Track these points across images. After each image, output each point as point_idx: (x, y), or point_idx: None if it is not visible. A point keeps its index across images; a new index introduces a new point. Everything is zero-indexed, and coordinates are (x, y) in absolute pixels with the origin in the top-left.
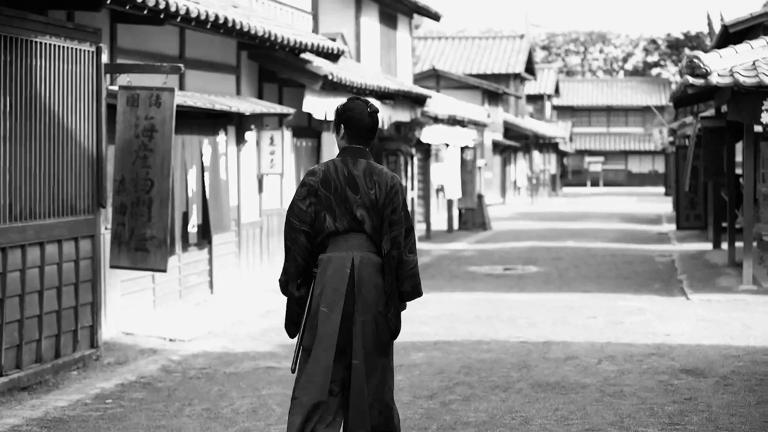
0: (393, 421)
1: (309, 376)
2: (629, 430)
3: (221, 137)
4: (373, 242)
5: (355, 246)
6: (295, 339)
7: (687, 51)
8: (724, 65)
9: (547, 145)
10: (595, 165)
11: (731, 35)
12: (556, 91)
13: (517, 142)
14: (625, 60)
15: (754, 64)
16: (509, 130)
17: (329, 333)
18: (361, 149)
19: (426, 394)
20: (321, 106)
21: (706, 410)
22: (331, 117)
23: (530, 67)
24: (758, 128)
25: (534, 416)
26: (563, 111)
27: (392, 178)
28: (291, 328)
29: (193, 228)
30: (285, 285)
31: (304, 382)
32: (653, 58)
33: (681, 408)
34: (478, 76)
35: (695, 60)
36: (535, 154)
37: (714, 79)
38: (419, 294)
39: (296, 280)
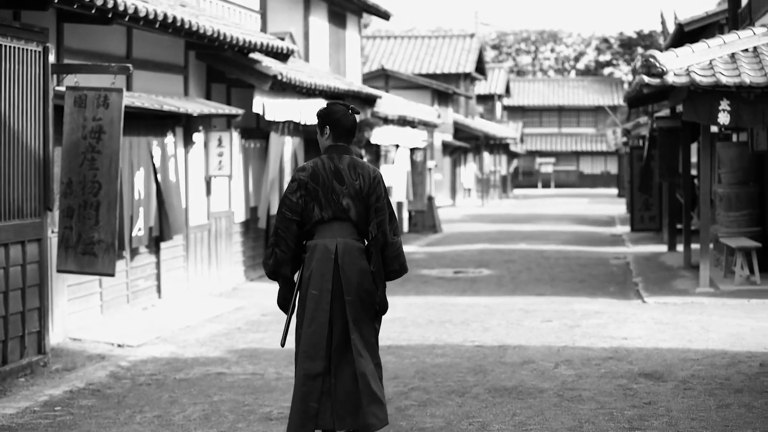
0: (386, 411)
1: (306, 352)
2: None
3: (169, 138)
4: (357, 229)
5: (338, 233)
6: (286, 320)
7: (641, 50)
8: (681, 64)
9: (497, 146)
10: (546, 166)
11: (686, 34)
12: (507, 91)
13: (468, 143)
14: (576, 59)
15: (710, 63)
16: (459, 130)
17: (320, 313)
18: (344, 147)
19: None
20: (271, 107)
21: (666, 414)
22: (281, 118)
23: (480, 67)
24: (714, 128)
25: (491, 421)
26: (514, 111)
27: (374, 170)
28: (284, 305)
29: (140, 231)
30: (273, 268)
31: (302, 357)
32: (605, 57)
33: (640, 412)
34: (427, 75)
35: (651, 59)
36: (486, 155)
37: (670, 79)
38: (406, 270)
39: (289, 264)
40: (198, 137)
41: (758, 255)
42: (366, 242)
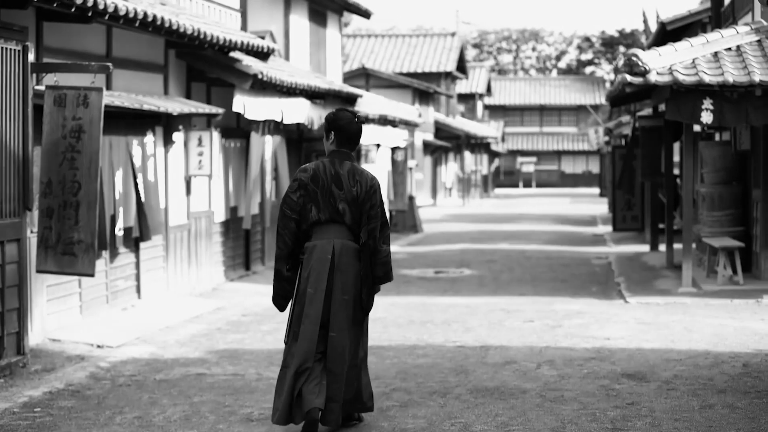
0: (362, 397)
1: (297, 346)
2: None
3: (149, 138)
4: (352, 232)
5: (335, 234)
6: (285, 314)
7: (622, 49)
8: (663, 63)
9: (478, 145)
10: (527, 165)
11: (669, 33)
12: (488, 90)
13: (449, 143)
14: (558, 58)
15: (693, 62)
16: (440, 130)
17: (314, 310)
18: (347, 153)
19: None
20: (251, 106)
21: (649, 415)
22: (262, 117)
23: (462, 66)
24: (697, 128)
25: (474, 422)
26: (495, 110)
27: (372, 179)
28: (279, 302)
29: (120, 231)
30: (274, 265)
31: (293, 352)
32: (587, 56)
33: (624, 413)
34: (408, 74)
35: (634, 58)
36: (467, 154)
37: (653, 78)
38: (390, 279)
39: (287, 262)
40: (178, 137)
41: (741, 255)
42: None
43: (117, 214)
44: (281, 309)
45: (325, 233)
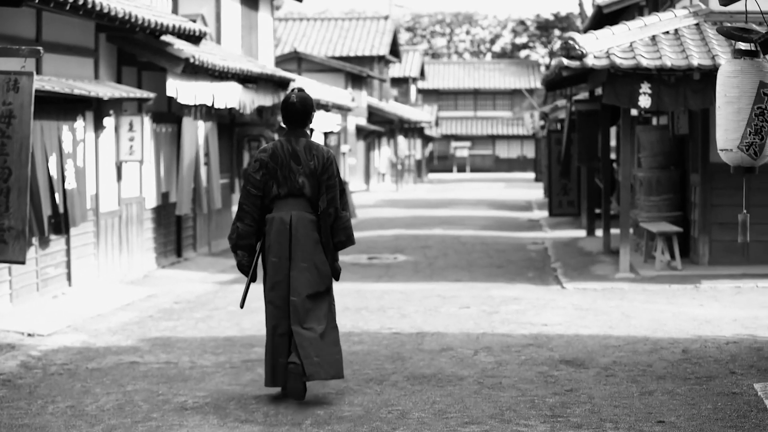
0: (341, 362)
1: (271, 313)
2: (510, 423)
3: (79, 123)
4: (311, 204)
5: (293, 207)
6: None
7: (558, 32)
8: (600, 47)
9: (412, 129)
10: (461, 150)
11: (605, 16)
12: (422, 74)
13: (382, 127)
14: (492, 42)
15: (631, 45)
16: (373, 114)
17: (281, 277)
18: (300, 130)
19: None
20: (183, 90)
21: (589, 402)
22: (194, 101)
23: (395, 50)
24: (635, 112)
25: (411, 409)
26: (429, 94)
27: (327, 152)
28: (245, 270)
29: (51, 218)
30: (235, 242)
31: (269, 319)
32: (522, 39)
33: (562, 400)
34: (341, 58)
35: (570, 41)
36: (400, 139)
37: (590, 61)
38: (352, 242)
39: (254, 236)
40: (109, 122)
41: (679, 240)
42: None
43: (47, 200)
44: (247, 275)
45: (283, 206)
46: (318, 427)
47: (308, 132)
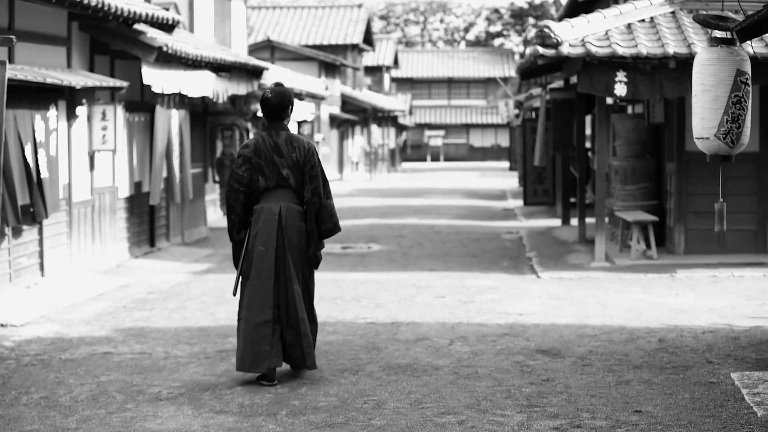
0: (314, 341)
1: (253, 300)
2: (487, 413)
3: (52, 112)
4: (296, 195)
5: (281, 198)
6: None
7: (532, 21)
8: (576, 35)
9: (385, 118)
10: (435, 139)
11: (580, 4)
12: (395, 62)
13: (355, 116)
14: (466, 30)
15: (606, 33)
16: (347, 103)
17: (267, 266)
18: (280, 124)
19: None
20: (157, 79)
21: (565, 391)
22: (168, 90)
23: (368, 38)
24: (610, 100)
25: (387, 399)
26: (402, 83)
27: (308, 143)
28: (236, 262)
29: (25, 207)
30: (230, 234)
31: (249, 305)
32: (496, 28)
33: (539, 389)
34: (314, 47)
35: (546, 29)
36: (374, 128)
37: (565, 50)
38: (339, 229)
39: (239, 228)
40: (81, 111)
41: (655, 229)
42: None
43: (24, 190)
44: (237, 264)
45: (272, 197)
46: (293, 418)
47: (287, 126)
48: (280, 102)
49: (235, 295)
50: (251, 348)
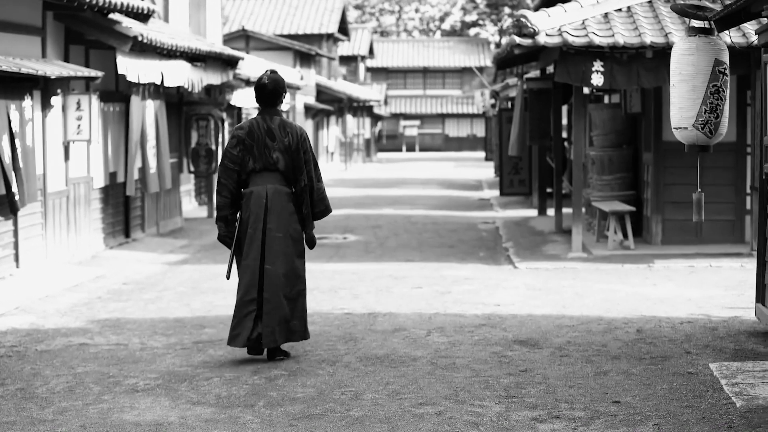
0: (306, 327)
1: (243, 279)
2: (465, 404)
3: (27, 102)
4: (284, 177)
5: (268, 181)
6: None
7: (508, 10)
8: (553, 24)
9: (361, 108)
10: (410, 129)
11: None
12: (371, 52)
13: (331, 106)
14: (442, 20)
15: (583, 23)
16: (322, 93)
17: (255, 247)
18: (274, 109)
19: (250, 369)
20: (132, 68)
21: (543, 382)
22: (143, 80)
23: (344, 27)
24: (587, 90)
25: (365, 390)
26: (378, 73)
27: (300, 129)
28: (227, 241)
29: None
30: (217, 213)
31: (240, 284)
32: (472, 17)
33: (517, 380)
34: (289, 36)
35: (522, 19)
36: (349, 118)
37: (542, 39)
38: (330, 210)
39: (230, 208)
40: (56, 101)
41: (632, 219)
42: (294, 189)
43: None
44: (230, 247)
45: (259, 180)
46: (271, 409)
47: (280, 111)
48: (275, 88)
49: (229, 278)
50: (237, 324)
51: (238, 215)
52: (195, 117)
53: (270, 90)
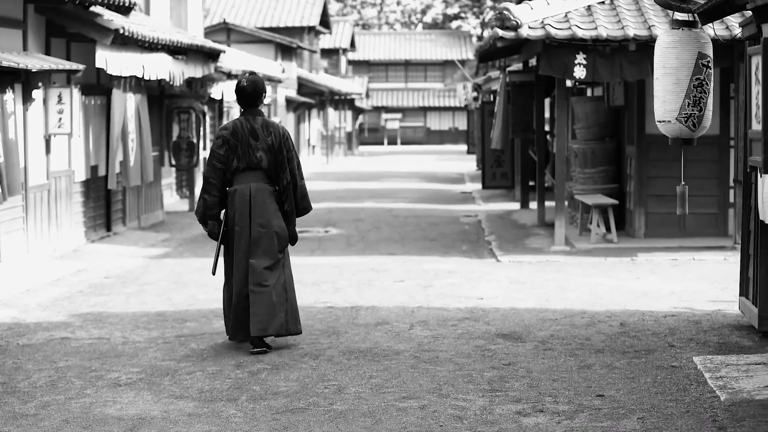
0: (298, 322)
1: (236, 275)
2: (448, 398)
3: (8, 95)
4: (267, 176)
5: (251, 179)
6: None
7: (489, 3)
8: (535, 17)
9: (342, 101)
10: (392, 122)
11: None
12: (352, 45)
13: (312, 99)
14: (423, 12)
15: (566, 15)
16: (303, 86)
17: (243, 244)
18: (255, 110)
19: (232, 363)
20: (113, 61)
21: (527, 376)
22: (125, 73)
23: (325, 20)
24: (569, 83)
25: (348, 384)
26: (359, 66)
27: (283, 128)
28: (215, 237)
29: None
30: (203, 213)
31: (234, 280)
32: (453, 10)
33: (500, 374)
34: (271, 29)
35: (505, 12)
36: (330, 111)
37: (525, 32)
38: (311, 208)
39: (218, 207)
40: (37, 94)
41: (615, 212)
42: (277, 187)
43: None
44: (218, 240)
45: (243, 179)
46: (254, 403)
47: (262, 111)
48: (254, 90)
49: (214, 274)
50: (233, 316)
51: (222, 213)
52: (176, 110)
53: (249, 92)
